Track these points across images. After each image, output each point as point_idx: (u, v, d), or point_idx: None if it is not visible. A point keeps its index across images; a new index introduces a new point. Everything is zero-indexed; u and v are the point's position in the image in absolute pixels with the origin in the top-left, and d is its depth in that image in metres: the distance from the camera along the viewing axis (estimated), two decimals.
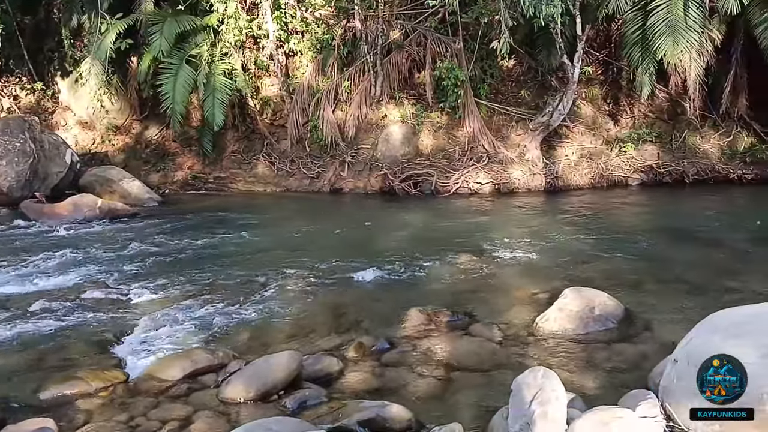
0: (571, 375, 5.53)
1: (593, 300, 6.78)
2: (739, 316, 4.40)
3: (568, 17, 13.11)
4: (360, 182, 14.81)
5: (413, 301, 7.40)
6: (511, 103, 15.51)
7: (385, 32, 15.19)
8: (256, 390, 5.19)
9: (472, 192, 14.12)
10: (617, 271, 8.54)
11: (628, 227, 11.10)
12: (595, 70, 15.87)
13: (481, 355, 6.07)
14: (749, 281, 7.88)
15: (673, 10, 12.84)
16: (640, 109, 15.49)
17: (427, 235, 10.88)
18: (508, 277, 8.47)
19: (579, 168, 14.56)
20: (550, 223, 11.65)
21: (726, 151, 14.74)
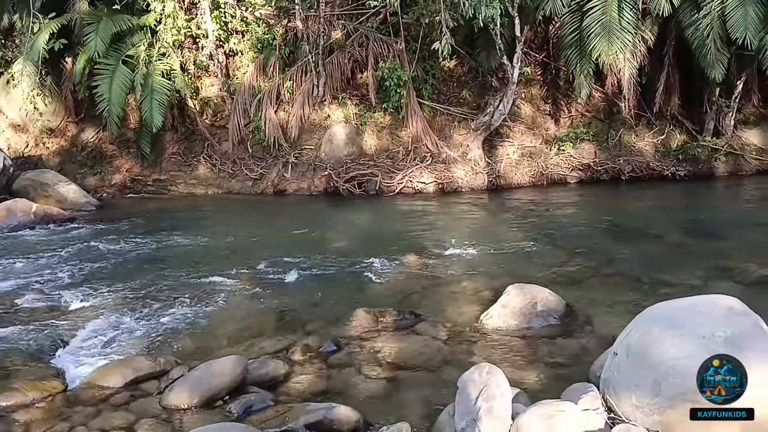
0: (516, 370, 5.61)
1: (536, 296, 6.90)
2: (675, 308, 4.53)
3: (507, 19, 13.30)
4: (304, 183, 14.71)
5: (359, 301, 7.40)
6: (453, 103, 15.66)
7: (326, 32, 15.13)
8: (200, 396, 5.10)
9: (417, 191, 14.20)
10: (559, 267, 8.72)
11: (568, 224, 11.34)
12: (534, 70, 16.16)
13: (428, 353, 6.10)
14: (683, 274, 8.16)
15: (608, 12, 13.18)
16: (577, 108, 15.84)
17: (372, 235, 10.89)
18: (453, 275, 8.55)
19: (520, 167, 14.80)
20: (493, 221, 11.82)
21: (660, 148, 15.21)
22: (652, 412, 4.06)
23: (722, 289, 6.70)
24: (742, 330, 4.13)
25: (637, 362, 4.28)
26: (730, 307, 4.35)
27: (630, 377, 4.28)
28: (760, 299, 6.66)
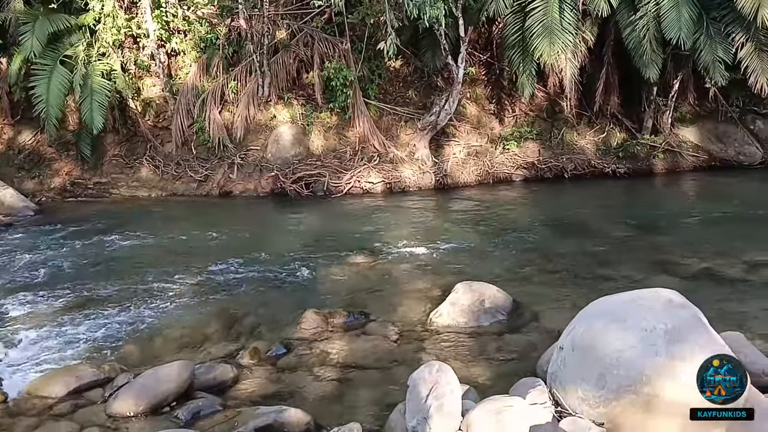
0: (465, 367, 5.68)
1: (484, 293, 6.99)
2: (618, 302, 4.64)
3: (451, 19, 13.42)
4: (250, 184, 14.55)
5: (308, 302, 7.37)
6: (399, 103, 15.72)
7: (271, 32, 15.00)
8: (147, 403, 5.00)
9: (365, 191, 14.21)
10: (506, 264, 8.85)
11: (513, 222, 11.52)
12: (479, 70, 16.35)
13: (378, 353, 6.12)
14: (625, 269, 8.39)
15: (549, 13, 13.43)
16: (521, 108, 16.09)
17: (320, 235, 10.85)
18: (403, 274, 8.58)
19: (466, 166, 14.95)
20: (441, 220, 11.91)
21: (601, 146, 15.57)
22: (597, 404, 4.15)
23: (662, 283, 6.93)
24: (682, 322, 4.26)
25: (582, 356, 4.37)
26: (670, 300, 4.49)
27: (576, 371, 4.36)
28: (698, 292, 6.91)
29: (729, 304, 6.99)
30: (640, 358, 4.08)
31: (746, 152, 15.65)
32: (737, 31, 13.28)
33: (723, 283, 7.81)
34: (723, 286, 7.70)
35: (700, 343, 4.15)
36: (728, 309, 6.78)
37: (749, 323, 6.40)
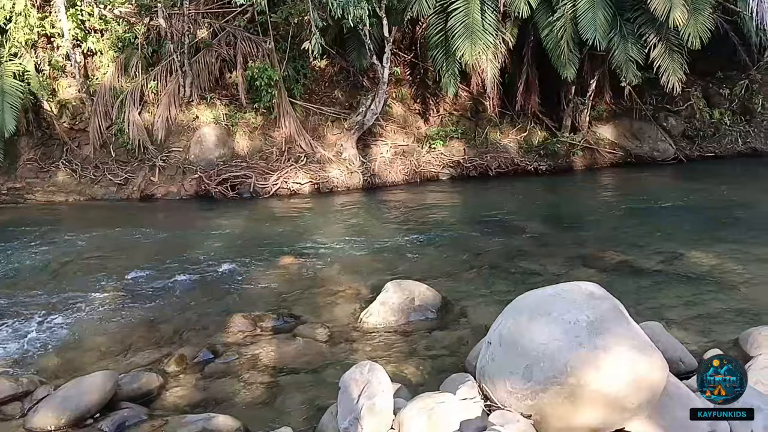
0: (397, 366, 5.70)
1: (413, 291, 7.04)
2: (543, 296, 4.75)
3: (375, 19, 13.47)
4: (173, 187, 14.19)
5: (236, 306, 7.25)
6: (325, 103, 15.67)
7: (192, 31, 14.67)
8: (68, 416, 4.80)
9: (292, 192, 14.09)
10: (434, 262, 8.94)
11: (441, 220, 11.66)
12: (404, 70, 16.48)
13: (309, 355, 6.07)
14: (549, 263, 8.62)
15: (471, 14, 13.66)
16: (445, 107, 16.32)
17: (247, 237, 10.68)
18: (332, 275, 8.55)
19: (394, 165, 15.04)
20: (370, 219, 11.93)
21: (523, 145, 15.96)
22: (525, 397, 4.24)
23: (584, 276, 7.17)
24: (603, 314, 4.40)
25: (509, 350, 4.46)
26: (592, 293, 4.62)
27: (504, 365, 4.45)
28: (618, 284, 7.19)
29: (647, 294, 7.28)
30: (565, 350, 4.19)
31: (660, 148, 16.35)
32: (650, 32, 13.84)
33: (640, 274, 8.13)
34: (641, 277, 8.01)
35: (620, 333, 4.30)
36: (646, 300, 7.06)
37: (666, 313, 6.69)
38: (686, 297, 7.24)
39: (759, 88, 17.32)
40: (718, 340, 6.02)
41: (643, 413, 4.21)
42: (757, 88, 17.32)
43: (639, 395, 4.13)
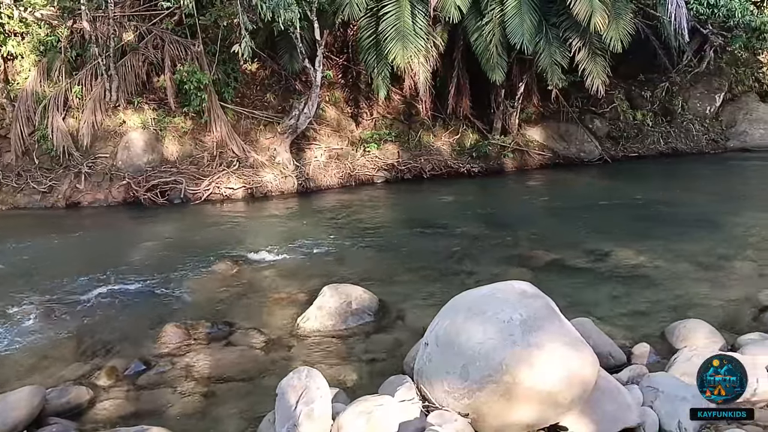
0: (335, 370, 5.68)
1: (350, 295, 7.03)
2: (477, 296, 4.82)
3: (306, 22, 13.41)
4: (100, 194, 13.74)
5: (168, 316, 7.07)
6: (257, 106, 15.49)
7: (117, 34, 14.25)
8: None
9: (225, 198, 13.85)
10: (371, 265, 8.96)
11: (377, 223, 11.69)
12: (336, 74, 16.46)
13: (244, 363, 5.98)
14: (483, 264, 8.76)
15: (402, 18, 13.76)
16: (379, 111, 16.38)
17: (179, 245, 10.44)
18: (268, 281, 8.45)
19: (328, 169, 14.99)
20: (305, 224, 11.84)
21: (456, 147, 16.18)
22: (462, 396, 4.29)
23: (517, 275, 7.31)
24: (535, 312, 4.49)
25: (446, 350, 4.50)
26: (524, 291, 4.72)
27: (441, 365, 4.48)
28: (549, 282, 7.35)
29: (577, 291, 7.49)
30: (500, 349, 4.26)
31: (586, 149, 16.85)
32: (574, 37, 14.25)
33: (571, 272, 8.36)
34: (571, 275, 8.24)
35: (552, 331, 4.40)
36: (576, 296, 7.26)
37: (595, 309, 6.89)
38: (614, 293, 7.48)
39: (678, 91, 18.07)
40: (645, 334, 6.23)
41: (576, 408, 4.32)
42: (677, 90, 18.06)
43: (572, 391, 4.23)
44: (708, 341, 5.76)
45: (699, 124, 17.95)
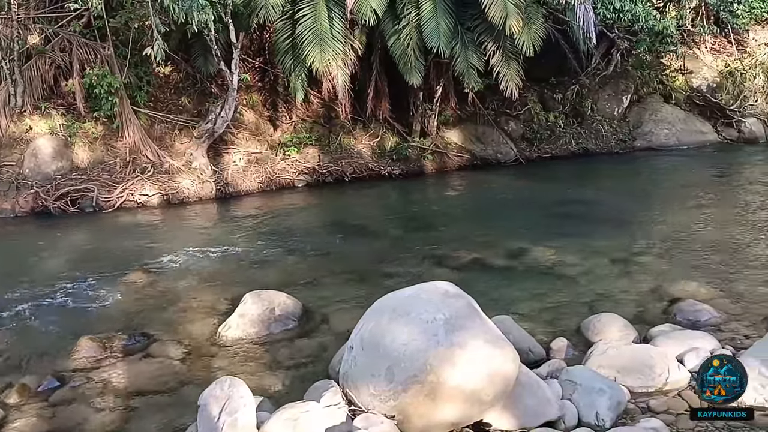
0: (259, 379, 5.60)
1: (273, 301, 6.95)
2: (401, 298, 4.86)
3: (221, 25, 13.17)
4: (6, 204, 13.05)
5: (83, 329, 6.79)
6: (172, 110, 15.08)
7: (22, 37, 13.59)
8: None
9: (140, 205, 13.41)
10: (294, 270, 8.88)
11: (299, 227, 11.59)
12: (253, 76, 16.24)
13: (164, 375, 5.82)
14: (406, 265, 8.83)
15: (319, 21, 13.71)
16: (298, 114, 16.26)
17: (92, 255, 10.04)
18: (187, 290, 8.24)
19: (247, 173, 14.76)
20: (224, 230, 11.63)
21: (376, 150, 16.24)
22: (388, 398, 4.31)
23: (439, 276, 7.40)
24: (458, 311, 4.57)
25: (371, 352, 4.51)
26: (447, 291, 4.79)
27: (366, 368, 4.49)
28: (470, 281, 7.48)
29: (497, 290, 7.66)
30: (424, 349, 4.31)
31: (502, 151, 17.25)
32: (488, 41, 14.55)
33: (491, 271, 8.55)
34: (491, 274, 8.43)
35: (475, 329, 4.48)
36: (497, 294, 7.42)
37: (515, 306, 7.07)
38: (533, 290, 7.69)
39: (588, 93, 18.74)
40: (562, 328, 6.44)
41: (499, 404, 4.41)
42: (586, 92, 18.72)
43: (494, 387, 4.32)
44: (621, 334, 5.99)
45: (608, 125, 18.66)
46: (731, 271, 8.01)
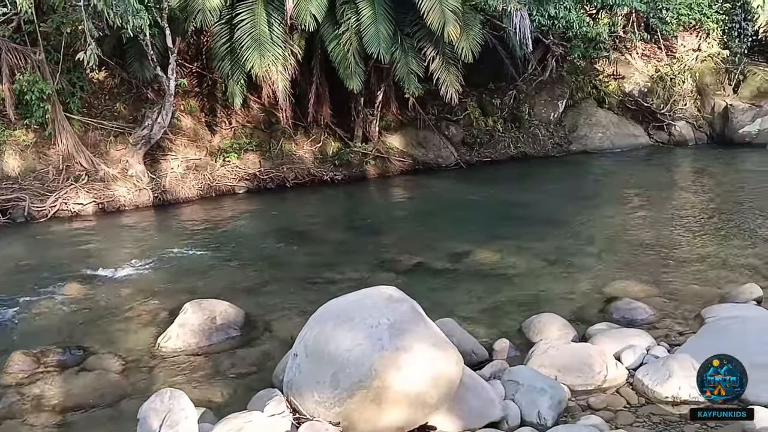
0: (201, 390, 5.50)
1: (215, 310, 6.84)
2: (345, 303, 4.86)
3: (157, 29, 12.92)
4: None
5: (15, 344, 6.55)
6: (107, 117, 14.69)
7: None
8: None
9: (74, 214, 13.00)
10: (236, 278, 8.75)
11: (239, 234, 11.45)
12: (191, 82, 15.96)
13: (102, 388, 5.65)
14: (351, 270, 8.82)
15: (257, 26, 13.59)
16: (237, 119, 16.06)
17: (24, 267, 9.68)
18: (125, 300, 8.02)
19: (186, 180, 14.50)
20: (163, 238, 11.38)
21: (318, 155, 16.19)
22: (333, 405, 4.29)
23: (383, 280, 7.43)
24: (402, 315, 4.59)
25: (316, 359, 4.49)
26: (390, 296, 4.81)
27: (310, 375, 4.47)
28: (414, 284, 7.53)
29: (440, 293, 7.72)
30: (369, 354, 4.31)
31: (443, 155, 17.43)
32: (428, 47, 14.69)
33: (434, 274, 8.62)
34: (434, 277, 8.50)
35: (419, 333, 4.51)
36: (440, 298, 7.48)
37: (458, 308, 7.15)
38: (475, 292, 7.80)
39: (525, 98, 19.12)
40: (504, 329, 6.54)
41: (444, 406, 4.45)
42: (524, 97, 19.10)
43: (439, 390, 4.35)
44: (561, 333, 6.13)
45: (545, 129, 19.07)
46: (664, 270, 8.29)
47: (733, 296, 6.93)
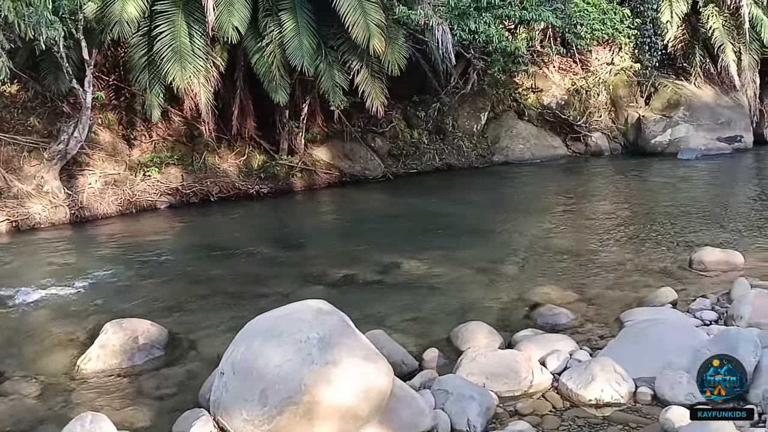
0: (123, 412, 5.32)
1: (136, 330, 6.63)
2: (274, 318, 4.79)
3: (72, 41, 12.49)
4: None
5: None
6: (20, 131, 14.07)
7: None
8: None
9: None
10: (159, 296, 8.52)
11: (162, 250, 11.15)
12: (108, 94, 15.48)
13: (18, 414, 5.39)
14: (278, 285, 8.73)
15: (177, 38, 13.35)
16: (158, 132, 15.69)
17: None
18: (41, 321, 7.68)
19: (105, 196, 14.03)
20: (81, 257, 10.97)
21: (243, 169, 15.98)
22: (262, 422, 4.22)
23: (312, 294, 7.37)
24: (332, 328, 4.57)
25: (243, 377, 4.41)
26: (320, 309, 4.78)
27: (238, 393, 4.38)
28: (343, 297, 7.53)
29: (369, 304, 7.73)
30: (298, 369, 4.27)
31: (370, 167, 17.51)
32: (353, 60, 14.76)
33: (363, 286, 8.63)
34: (363, 289, 8.51)
35: (349, 346, 4.50)
36: (369, 309, 7.49)
37: (387, 320, 7.17)
38: (404, 303, 7.84)
39: (449, 110, 19.43)
40: (433, 339, 6.60)
41: (375, 419, 4.45)
42: (447, 110, 19.41)
43: (370, 403, 4.35)
44: (488, 341, 6.24)
45: (468, 141, 19.44)
46: (585, 276, 8.57)
47: (650, 300, 7.22)
